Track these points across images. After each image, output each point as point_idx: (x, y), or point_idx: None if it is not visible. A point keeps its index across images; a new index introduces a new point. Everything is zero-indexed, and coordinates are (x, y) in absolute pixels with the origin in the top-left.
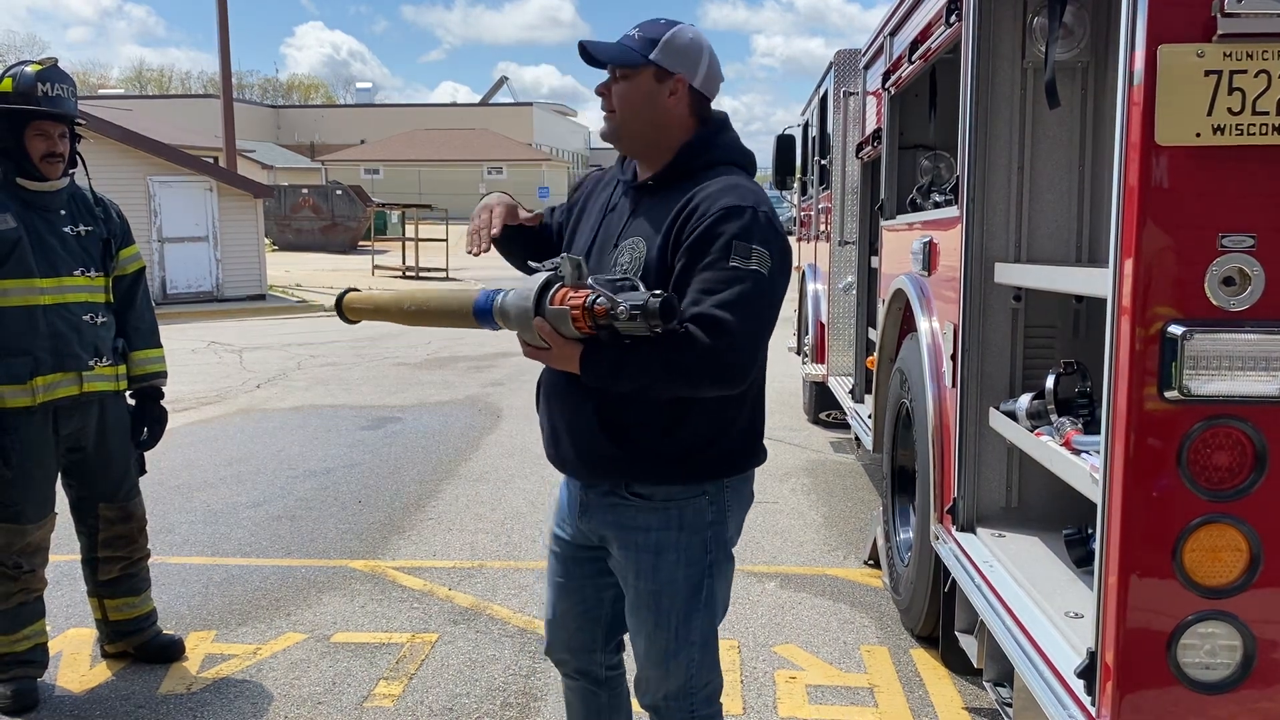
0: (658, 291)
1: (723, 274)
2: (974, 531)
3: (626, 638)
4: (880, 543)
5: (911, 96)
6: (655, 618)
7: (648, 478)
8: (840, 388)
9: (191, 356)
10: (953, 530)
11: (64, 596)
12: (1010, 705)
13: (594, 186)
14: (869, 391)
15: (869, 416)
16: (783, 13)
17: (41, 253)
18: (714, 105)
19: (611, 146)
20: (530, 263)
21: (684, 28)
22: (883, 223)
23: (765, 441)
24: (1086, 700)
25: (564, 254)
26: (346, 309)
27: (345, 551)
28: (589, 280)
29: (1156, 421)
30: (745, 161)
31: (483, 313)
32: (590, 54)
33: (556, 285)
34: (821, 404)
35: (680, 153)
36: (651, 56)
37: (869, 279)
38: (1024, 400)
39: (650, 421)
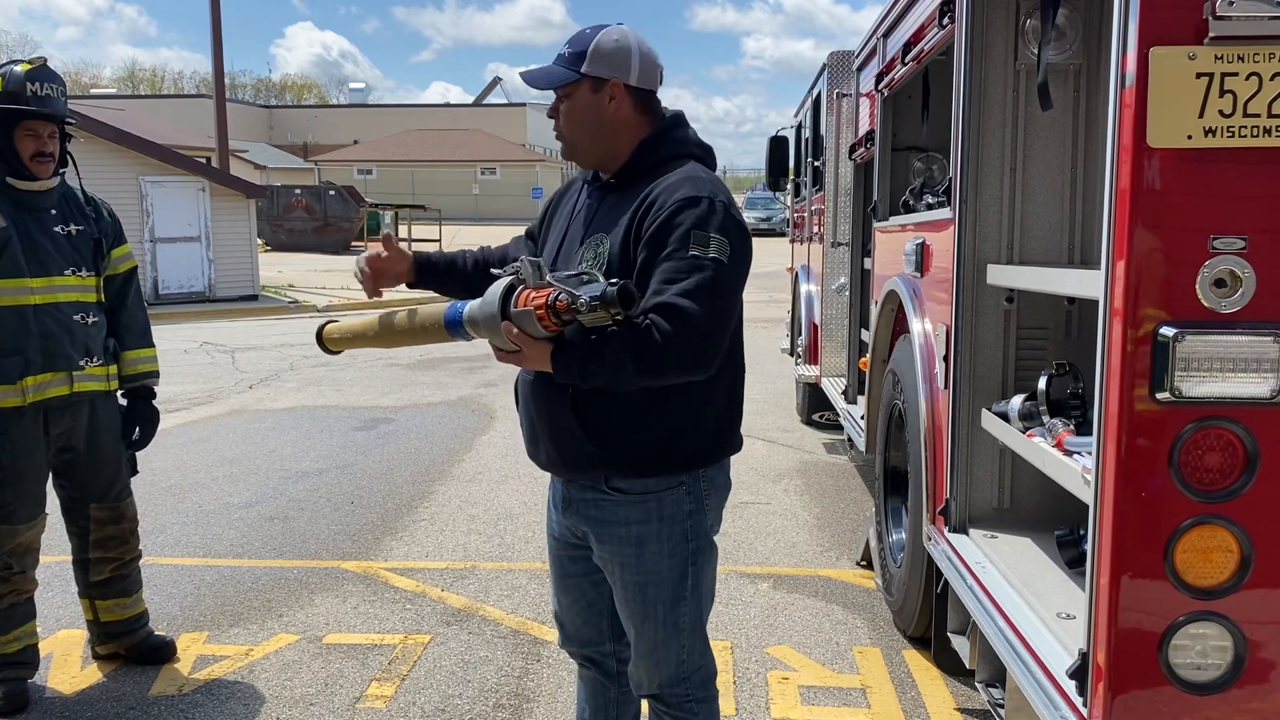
0: (615, 280)
1: (683, 263)
2: (966, 532)
3: None
4: (873, 544)
5: (904, 98)
6: (643, 609)
7: (625, 472)
8: (833, 389)
9: (184, 357)
10: (945, 531)
11: (55, 598)
12: (1002, 706)
13: (561, 196)
14: (862, 393)
15: (862, 418)
16: (772, 14)
17: (32, 252)
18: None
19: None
20: (492, 270)
21: (608, 31)
22: (875, 224)
23: (759, 442)
24: (1078, 701)
25: (524, 257)
26: (327, 340)
27: (338, 552)
28: (548, 278)
29: (1148, 423)
30: (702, 154)
31: (453, 324)
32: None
33: (520, 288)
34: (814, 405)
35: (637, 150)
36: (583, 70)
37: (862, 280)
38: (1016, 401)
39: (624, 416)
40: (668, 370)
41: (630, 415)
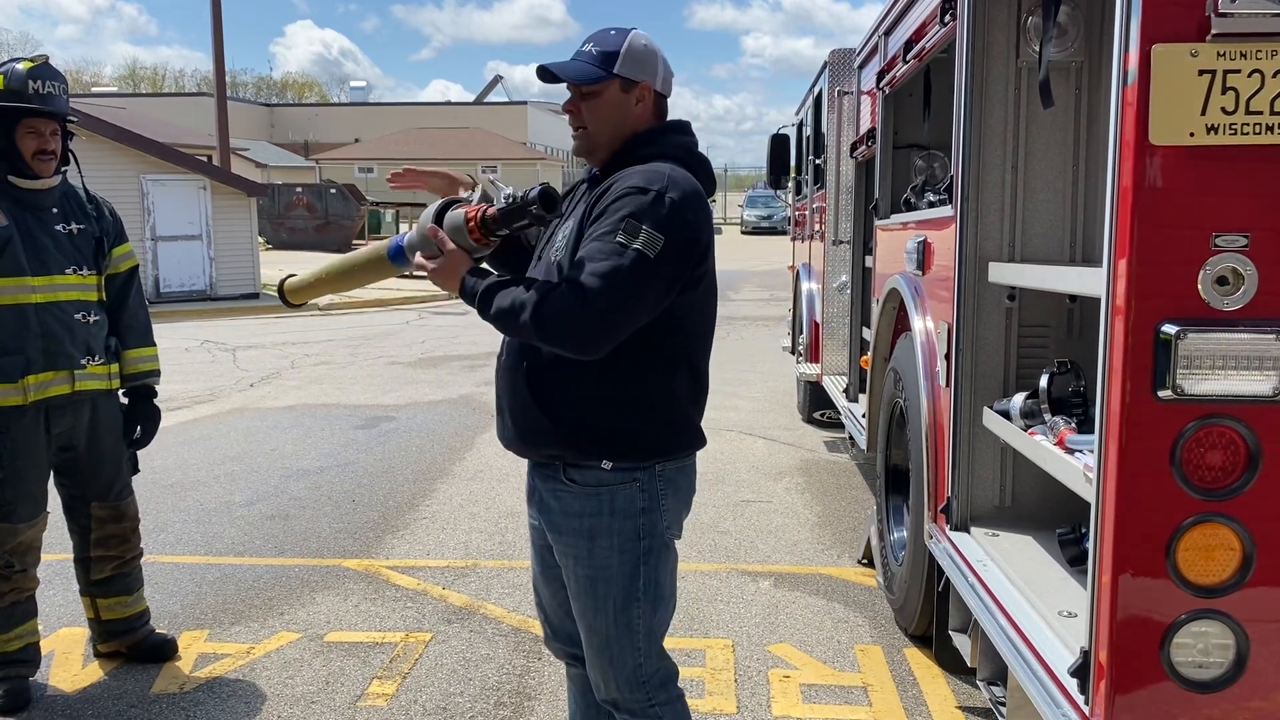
0: (544, 181)
1: (606, 246)
2: (968, 530)
3: None
4: (874, 542)
5: (906, 96)
6: (594, 604)
7: (577, 453)
8: (835, 387)
9: (185, 355)
10: (946, 529)
11: (56, 596)
12: (1004, 704)
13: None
14: (863, 391)
15: (863, 416)
16: (771, 12)
17: (33, 251)
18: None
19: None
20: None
21: (636, 35)
22: (877, 222)
23: (760, 440)
24: (1080, 699)
25: (490, 178)
26: (289, 293)
27: (339, 550)
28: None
29: (1150, 420)
30: (690, 160)
31: (396, 253)
32: (555, 75)
33: (459, 205)
34: (816, 403)
35: (625, 145)
36: (616, 69)
37: (863, 278)
38: (1018, 399)
39: (578, 395)
40: (555, 338)
41: (584, 395)
